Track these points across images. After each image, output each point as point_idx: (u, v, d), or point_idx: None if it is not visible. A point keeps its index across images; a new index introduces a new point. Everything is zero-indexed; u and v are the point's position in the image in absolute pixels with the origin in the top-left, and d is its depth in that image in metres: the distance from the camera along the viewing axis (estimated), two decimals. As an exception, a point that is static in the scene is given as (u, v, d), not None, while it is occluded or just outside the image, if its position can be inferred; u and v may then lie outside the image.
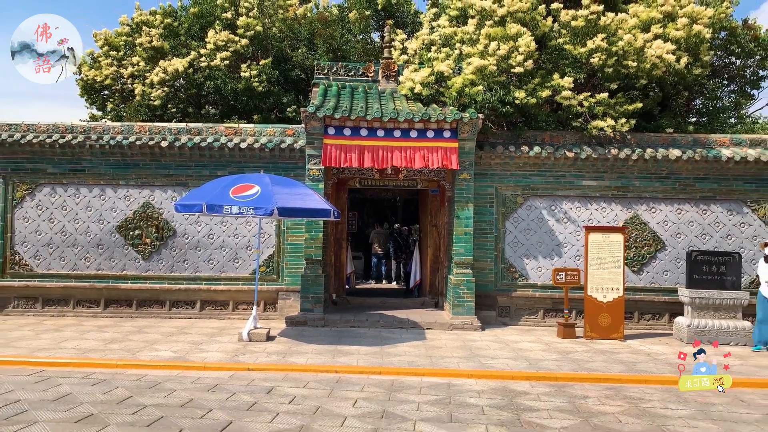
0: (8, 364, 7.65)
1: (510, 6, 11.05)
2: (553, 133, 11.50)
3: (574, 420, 5.94)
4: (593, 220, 11.38)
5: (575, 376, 7.64)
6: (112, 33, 17.62)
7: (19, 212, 11.55)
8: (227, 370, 7.58)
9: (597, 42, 10.78)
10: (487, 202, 11.40)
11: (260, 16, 16.75)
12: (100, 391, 6.55)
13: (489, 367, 7.93)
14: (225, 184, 8.78)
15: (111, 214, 11.55)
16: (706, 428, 5.80)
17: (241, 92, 15.72)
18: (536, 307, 11.37)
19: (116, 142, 11.33)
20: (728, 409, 6.47)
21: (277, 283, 11.41)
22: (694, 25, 11.38)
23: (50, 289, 11.45)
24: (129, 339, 9.26)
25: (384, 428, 5.49)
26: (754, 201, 11.41)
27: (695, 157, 11.15)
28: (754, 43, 13.22)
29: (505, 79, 10.97)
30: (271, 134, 11.58)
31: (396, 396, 6.59)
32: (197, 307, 11.43)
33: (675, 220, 11.46)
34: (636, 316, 11.44)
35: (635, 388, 7.30)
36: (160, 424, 5.46)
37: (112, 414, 5.73)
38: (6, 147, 11.37)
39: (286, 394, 6.57)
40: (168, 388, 6.73)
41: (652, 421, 5.99)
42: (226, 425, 5.47)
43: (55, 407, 5.91)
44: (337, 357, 8.23)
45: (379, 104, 11.36)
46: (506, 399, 6.61)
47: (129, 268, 11.50)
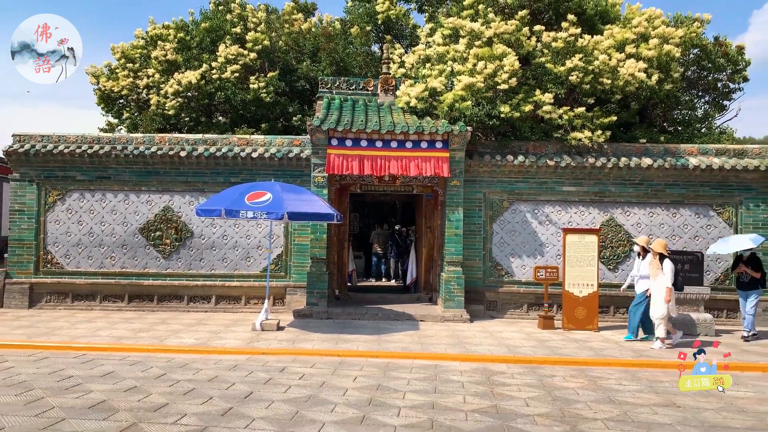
0: (55, 349, 8.80)
1: (497, 29, 12.18)
2: (536, 144, 12.62)
3: (539, 392, 7.06)
4: (573, 223, 12.50)
5: (547, 360, 8.78)
6: (128, 46, 18.76)
7: (51, 215, 12.71)
8: (244, 354, 8.73)
9: (575, 61, 11.92)
10: (476, 206, 12.54)
11: (267, 31, 17.90)
12: (137, 369, 7.70)
13: (473, 352, 9.07)
14: (241, 192, 9.93)
15: (134, 217, 12.71)
16: (649, 398, 6.93)
17: (250, 102, 16.87)
18: (520, 302, 12.50)
19: (139, 152, 12.49)
20: (672, 385, 7.59)
21: (285, 279, 12.56)
22: (665, 45, 12.50)
23: (79, 285, 12.61)
24: (155, 329, 10.42)
25: (379, 397, 6.63)
26: (719, 205, 12.53)
27: (665, 165, 12.27)
28: (724, 58, 14.35)
29: (491, 94, 12.09)
30: (279, 144, 12.74)
31: (390, 374, 7.73)
32: (212, 302, 12.58)
33: (647, 223, 12.57)
34: (612, 310, 12.57)
35: (598, 370, 8.41)
36: (193, 394, 6.60)
37: (151, 386, 6.88)
38: (39, 156, 12.53)
39: (296, 372, 7.71)
40: (195, 367, 7.88)
41: (605, 393, 7.11)
42: (248, 394, 6.62)
43: (104, 381, 7.06)
44: (340, 344, 9.37)
45: (378, 117, 12.50)
46: (484, 377, 7.75)
47: (150, 266, 12.65)
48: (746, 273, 10.64)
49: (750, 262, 10.72)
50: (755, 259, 10.78)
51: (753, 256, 10.84)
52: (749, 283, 10.64)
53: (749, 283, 10.63)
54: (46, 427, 5.35)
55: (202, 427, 5.46)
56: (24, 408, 5.91)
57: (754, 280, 10.60)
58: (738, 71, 14.42)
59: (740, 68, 14.43)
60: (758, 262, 10.76)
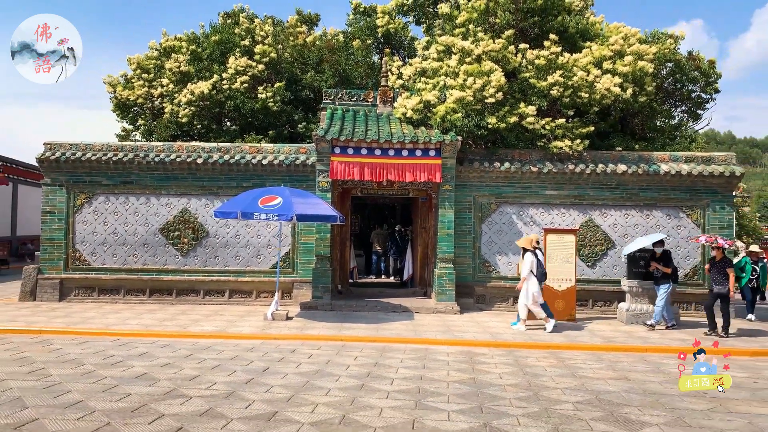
0: (92, 335, 10.04)
1: (485, 47, 13.38)
2: (521, 151, 13.82)
3: (513, 369, 8.28)
4: (555, 224, 13.70)
5: (524, 344, 9.99)
6: (142, 57, 20.00)
7: (79, 217, 13.94)
8: (259, 339, 9.95)
9: (556, 77, 13.11)
10: (466, 208, 13.74)
11: (274, 43, 19.10)
12: (168, 351, 8.92)
13: (459, 338, 10.29)
14: (254, 196, 11.16)
15: (155, 218, 13.93)
16: (606, 374, 8.13)
17: (258, 111, 18.10)
18: (507, 295, 13.70)
19: (159, 159, 13.72)
20: (630, 364, 8.80)
21: (293, 275, 13.77)
22: (639, 61, 13.69)
23: (105, 281, 13.84)
24: (177, 318, 11.64)
25: (375, 371, 7.85)
26: (688, 207, 13.71)
27: (639, 171, 13.47)
28: (697, 71, 15.55)
29: (480, 107, 13.29)
30: (287, 152, 13.95)
31: (386, 354, 8.95)
32: (226, 296, 13.80)
33: (623, 223, 13.77)
34: (590, 303, 13.76)
35: (568, 353, 9.62)
36: (219, 369, 7.82)
37: (183, 363, 8.10)
38: (69, 163, 13.76)
39: (305, 353, 8.94)
40: (217, 349, 9.11)
41: (569, 370, 8.32)
42: (265, 369, 7.84)
43: (141, 359, 8.28)
44: (343, 331, 10.59)
45: (377, 127, 13.71)
46: (467, 357, 8.97)
47: (170, 263, 13.87)
48: (658, 269, 11.77)
49: (661, 258, 11.84)
50: (666, 257, 11.88)
51: (665, 253, 11.93)
52: (661, 278, 11.75)
53: (661, 277, 11.75)
54: (105, 390, 6.58)
55: (231, 391, 6.68)
56: (82, 377, 7.14)
57: (665, 275, 11.71)
58: (710, 83, 15.62)
59: (712, 81, 15.63)
60: (669, 259, 11.85)
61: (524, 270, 11.22)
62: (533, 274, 11.24)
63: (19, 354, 8.42)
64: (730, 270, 11.12)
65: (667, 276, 11.66)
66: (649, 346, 9.98)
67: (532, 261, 11.22)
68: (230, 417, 5.76)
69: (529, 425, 5.78)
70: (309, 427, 5.55)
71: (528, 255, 11.26)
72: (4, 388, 6.56)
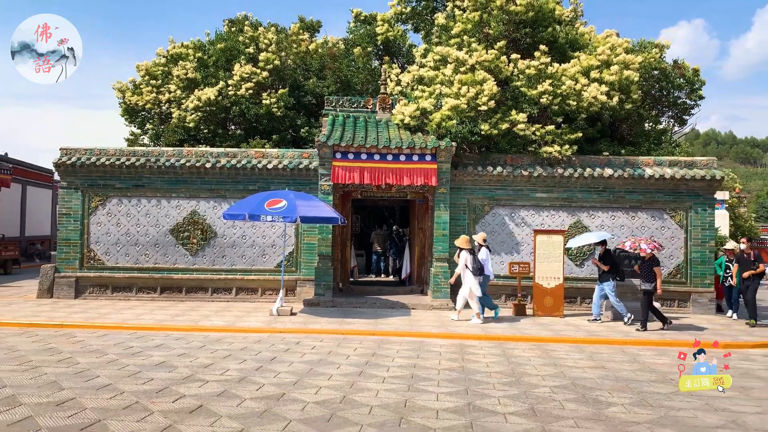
0: (110, 328, 10.79)
1: (478, 57, 14.12)
2: (513, 156, 14.55)
3: (500, 359, 9.01)
4: (545, 225, 14.43)
5: (513, 337, 10.73)
6: (150, 63, 20.75)
7: (93, 218, 14.70)
8: (266, 332, 10.70)
9: (545, 86, 13.85)
10: (461, 210, 14.48)
11: (277, 51, 19.84)
12: (182, 342, 9.67)
13: (453, 331, 11.02)
14: (261, 199, 11.91)
15: (165, 219, 14.68)
16: (585, 363, 8.86)
17: (262, 116, 18.82)
18: (499, 293, 14.43)
19: (170, 164, 14.47)
20: (609, 356, 9.53)
21: (296, 274, 14.52)
22: (625, 71, 14.41)
23: (118, 279, 14.59)
24: (187, 314, 12.39)
25: (373, 360, 8.60)
26: (672, 209, 14.44)
27: (625, 174, 14.20)
28: (682, 79, 16.28)
29: (473, 114, 14.02)
30: (291, 157, 14.71)
31: (383, 346, 9.70)
32: (233, 293, 14.55)
33: (610, 225, 14.50)
34: (579, 300, 14.49)
35: (553, 345, 10.36)
36: (231, 358, 8.57)
37: (197, 353, 8.85)
38: (84, 168, 14.52)
39: (309, 344, 9.68)
40: (227, 341, 9.85)
41: (551, 360, 9.06)
42: (273, 358, 8.59)
43: (159, 350, 9.03)
44: (343, 325, 11.33)
45: (376, 133, 14.45)
46: (459, 348, 9.71)
47: (179, 262, 14.63)
48: (599, 266, 12.55)
49: (603, 257, 12.58)
50: (607, 255, 12.61)
51: (606, 252, 12.66)
52: (602, 275, 12.50)
53: (602, 274, 12.51)
54: (130, 375, 7.33)
55: (243, 376, 7.43)
56: (107, 365, 7.90)
57: (606, 272, 12.43)
58: (694, 90, 16.36)
59: (696, 88, 16.38)
60: (609, 258, 12.57)
61: (459, 266, 12.23)
62: (468, 269, 12.10)
63: (46, 345, 9.18)
64: (657, 269, 11.81)
65: (607, 273, 12.41)
66: (629, 339, 10.73)
67: (466, 258, 12.16)
68: (244, 397, 6.51)
69: (508, 404, 6.51)
70: (313, 405, 6.29)
71: (463, 252, 12.24)
72: (40, 374, 7.31)
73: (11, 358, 8.18)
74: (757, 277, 12.79)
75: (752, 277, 12.77)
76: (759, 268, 12.71)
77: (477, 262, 12.22)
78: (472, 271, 12.09)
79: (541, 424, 5.86)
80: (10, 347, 8.97)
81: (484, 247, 12.73)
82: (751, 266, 12.82)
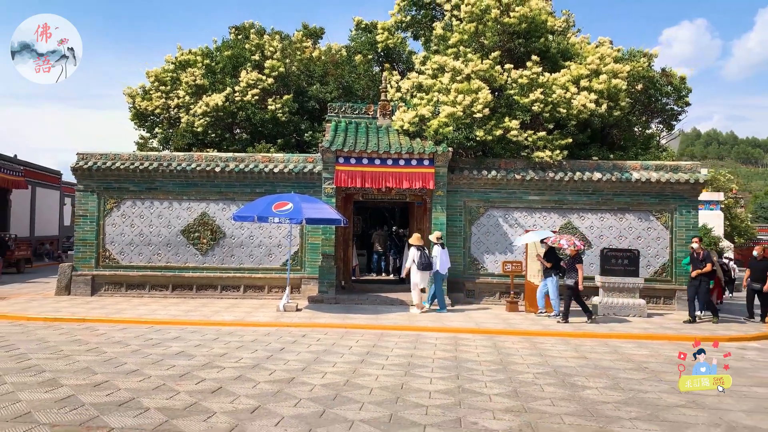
0: (129, 323, 11.58)
1: (474, 67, 14.89)
2: (507, 161, 15.32)
3: (490, 350, 9.78)
4: (537, 226, 15.19)
5: (503, 331, 11.50)
6: (159, 70, 21.54)
7: (108, 219, 15.50)
8: (274, 326, 11.48)
9: (537, 94, 14.62)
10: (457, 212, 15.26)
11: (282, 58, 20.62)
12: (197, 335, 10.45)
13: (448, 326, 11.80)
14: (269, 202, 12.69)
15: (177, 221, 15.47)
16: (569, 354, 9.62)
17: (268, 121, 19.61)
18: (494, 290, 15.20)
19: (181, 168, 15.26)
20: (591, 348, 10.30)
21: (301, 272, 15.30)
22: (613, 79, 15.17)
23: (132, 277, 15.39)
24: (199, 310, 13.17)
25: (373, 350, 9.38)
26: (658, 211, 15.19)
27: (613, 178, 14.96)
28: (670, 87, 17.04)
29: (469, 121, 14.79)
30: (296, 161, 15.49)
31: (383, 339, 10.48)
32: (241, 290, 15.33)
33: (599, 226, 15.26)
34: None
35: (541, 338, 11.12)
36: (243, 348, 9.35)
37: (212, 344, 9.63)
38: (100, 172, 15.32)
39: (314, 337, 10.46)
40: (238, 334, 10.64)
41: (537, 350, 9.82)
42: (281, 348, 9.37)
43: (176, 342, 9.82)
44: (346, 320, 12.11)
45: (377, 138, 15.23)
46: (453, 340, 10.48)
47: (190, 261, 15.41)
48: (542, 263, 13.31)
49: (546, 254, 13.30)
50: (551, 252, 13.31)
51: (550, 249, 13.34)
52: (545, 271, 13.27)
53: (545, 270, 13.28)
54: (154, 363, 8.12)
55: (256, 364, 8.22)
56: (131, 354, 8.69)
57: (549, 268, 13.19)
58: (681, 98, 17.13)
59: (683, 95, 17.15)
60: (552, 255, 13.28)
61: (408, 262, 13.69)
62: (414, 264, 13.37)
63: (73, 337, 9.97)
64: (579, 266, 12.65)
65: (550, 270, 13.20)
66: (612, 333, 11.49)
67: (414, 254, 13.46)
68: (258, 380, 7.29)
69: (494, 387, 7.29)
70: (320, 387, 7.07)
71: (412, 249, 13.63)
72: (73, 361, 8.10)
73: (44, 348, 8.98)
74: (706, 276, 13.11)
75: (702, 276, 13.10)
76: (706, 267, 13.10)
77: (424, 258, 13.40)
78: (418, 265, 13.28)
79: (522, 403, 6.64)
80: (40, 339, 9.76)
81: (437, 245, 13.78)
82: (699, 265, 13.21)
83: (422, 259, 13.34)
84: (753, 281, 13.63)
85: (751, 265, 13.85)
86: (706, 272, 13.15)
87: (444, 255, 13.71)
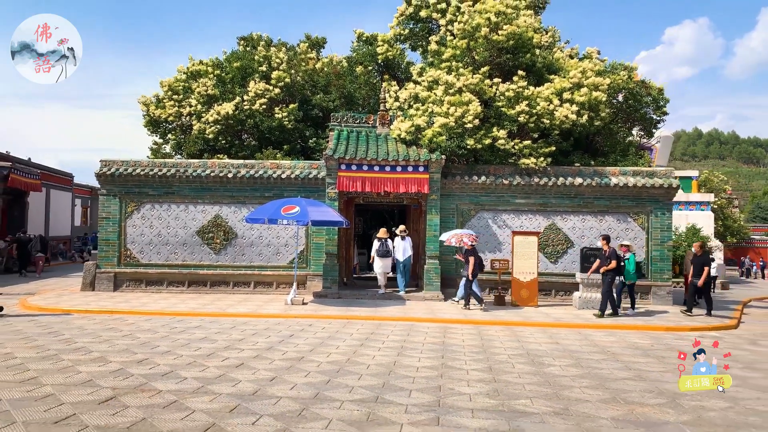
0: (153, 314, 12.93)
1: (465, 81, 16.21)
2: (496, 167, 16.64)
3: (474, 337, 11.10)
4: (523, 227, 16.51)
5: (489, 321, 12.83)
6: (172, 79, 22.89)
7: (129, 221, 16.85)
8: (283, 317, 12.82)
9: (522, 106, 15.93)
10: (450, 214, 16.58)
11: (288, 69, 21.97)
12: (215, 325, 11.79)
13: (439, 317, 13.13)
14: (278, 205, 14.04)
15: (192, 222, 16.82)
16: (545, 341, 10.94)
17: (274, 128, 20.95)
18: (484, 286, 16.49)
19: (196, 174, 16.61)
20: (566, 336, 11.61)
21: (306, 269, 16.64)
22: (594, 92, 16.47)
23: (150, 275, 16.74)
24: (214, 304, 14.52)
25: (372, 337, 10.71)
26: (635, 213, 16.50)
27: (593, 183, 16.27)
28: (649, 97, 18.34)
29: (461, 131, 16.10)
30: (302, 168, 16.83)
31: (380, 327, 11.81)
32: (251, 287, 16.68)
33: (580, 227, 16.57)
34: (553, 293, 16.56)
35: (522, 328, 12.44)
36: (257, 335, 10.68)
37: (229, 332, 10.96)
38: (121, 177, 16.68)
39: (319, 326, 11.80)
40: (252, 324, 11.98)
41: (516, 337, 11.14)
42: (291, 335, 10.71)
43: (198, 330, 11.16)
44: (348, 312, 13.44)
45: (376, 146, 16.57)
46: (442, 329, 11.82)
47: (205, 259, 16.76)
48: (458, 258, 14.99)
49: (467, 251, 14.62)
50: (472, 250, 14.63)
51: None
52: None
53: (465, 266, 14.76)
54: (182, 346, 9.46)
55: (270, 346, 9.56)
56: (161, 339, 10.03)
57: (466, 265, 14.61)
58: (659, 107, 18.41)
59: (661, 105, 18.43)
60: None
61: (373, 251, 16.05)
62: (377, 254, 15.83)
63: (107, 326, 11.32)
64: (471, 258, 14.40)
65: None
66: (588, 323, 12.82)
67: (375, 245, 15.96)
68: (273, 359, 8.63)
69: (472, 365, 8.62)
70: (326, 364, 8.41)
71: (375, 241, 16.06)
72: (113, 344, 9.45)
73: (85, 334, 10.33)
74: (610, 272, 13.95)
75: (607, 272, 13.94)
76: (611, 264, 13.95)
77: (384, 246, 15.81)
78: (376, 253, 15.86)
79: (493, 375, 7.97)
80: (79, 327, 11.12)
81: (399, 237, 15.99)
82: (605, 262, 14.12)
83: (380, 248, 15.83)
84: (693, 276, 14.77)
85: (692, 261, 14.99)
86: (610, 268, 13.92)
87: (404, 245, 15.87)
